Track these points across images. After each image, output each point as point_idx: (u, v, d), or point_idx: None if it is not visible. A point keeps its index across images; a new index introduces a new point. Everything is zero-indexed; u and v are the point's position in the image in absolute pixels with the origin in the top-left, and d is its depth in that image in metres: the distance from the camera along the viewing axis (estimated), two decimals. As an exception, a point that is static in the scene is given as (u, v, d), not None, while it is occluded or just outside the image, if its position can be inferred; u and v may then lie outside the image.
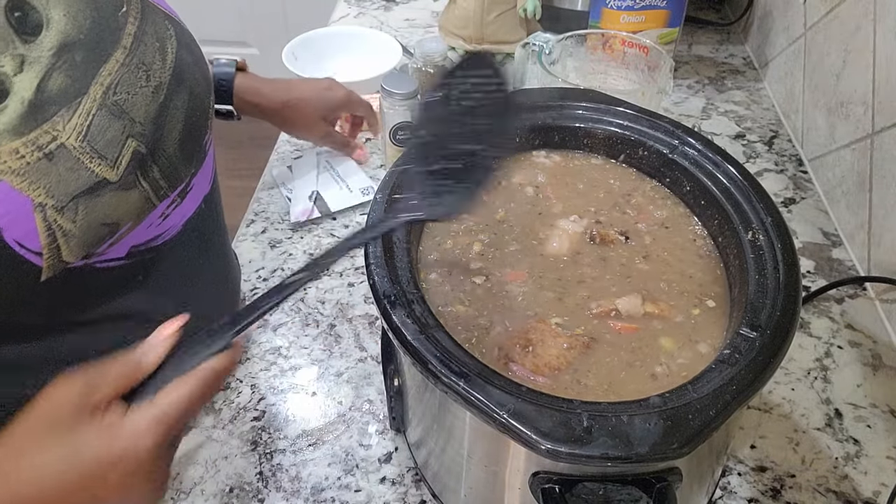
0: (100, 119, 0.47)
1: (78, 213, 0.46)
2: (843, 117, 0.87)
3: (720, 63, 1.20)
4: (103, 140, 0.47)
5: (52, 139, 0.45)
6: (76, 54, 0.47)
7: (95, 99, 0.47)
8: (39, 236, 0.45)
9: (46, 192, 0.45)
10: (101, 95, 0.48)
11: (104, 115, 0.48)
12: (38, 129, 0.44)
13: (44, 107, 0.45)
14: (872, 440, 0.64)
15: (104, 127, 0.48)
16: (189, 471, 0.61)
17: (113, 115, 0.48)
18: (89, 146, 0.47)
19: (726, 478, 0.61)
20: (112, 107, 0.48)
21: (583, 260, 0.55)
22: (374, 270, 0.48)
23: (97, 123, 0.47)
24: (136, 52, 0.51)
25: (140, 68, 0.51)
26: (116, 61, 0.49)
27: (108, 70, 0.49)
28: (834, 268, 0.82)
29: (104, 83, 0.48)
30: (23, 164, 0.44)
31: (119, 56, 0.50)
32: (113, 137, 0.48)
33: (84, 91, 0.47)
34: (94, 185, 0.47)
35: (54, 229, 0.45)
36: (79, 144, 0.46)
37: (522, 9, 1.10)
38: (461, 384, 0.41)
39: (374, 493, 0.60)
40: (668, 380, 0.47)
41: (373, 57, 1.12)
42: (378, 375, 0.69)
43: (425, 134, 0.48)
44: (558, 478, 0.43)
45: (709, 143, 0.59)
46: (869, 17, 0.82)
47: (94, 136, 0.47)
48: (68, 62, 0.46)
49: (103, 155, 0.47)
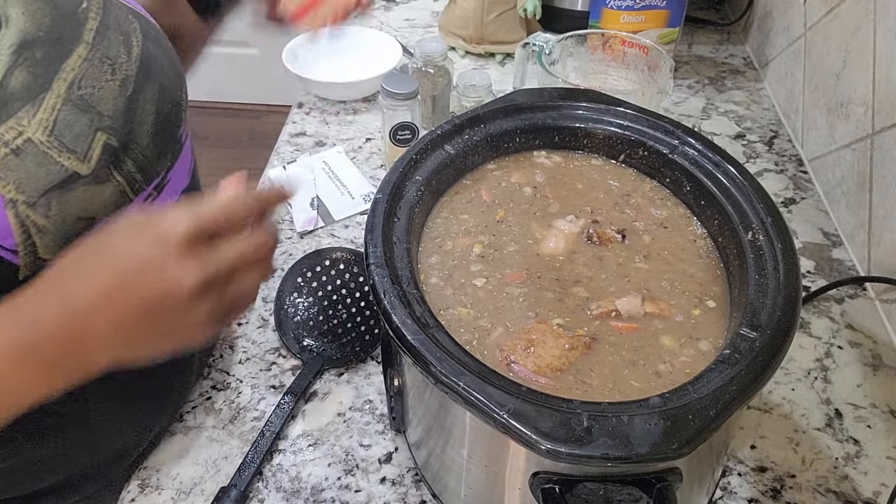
0: (65, 113, 0.47)
1: (51, 209, 0.46)
2: (843, 117, 0.87)
3: (720, 63, 1.20)
4: (71, 134, 0.48)
5: (17, 134, 0.45)
6: (36, 51, 0.47)
7: (59, 94, 0.48)
8: (14, 233, 0.45)
9: (16, 188, 0.45)
10: (66, 90, 0.48)
11: (70, 110, 0.48)
12: (2, 125, 0.45)
13: (7, 103, 0.45)
14: (872, 440, 0.64)
15: (71, 121, 0.48)
16: (189, 471, 0.61)
17: (79, 109, 0.48)
18: (57, 140, 0.47)
19: (726, 478, 0.61)
20: (77, 101, 0.48)
21: (578, 259, 0.55)
22: (374, 270, 0.48)
23: (63, 118, 0.47)
24: (100, 46, 0.51)
25: (105, 62, 0.51)
26: (79, 56, 0.49)
27: (71, 65, 0.49)
28: (834, 268, 0.82)
29: (67, 78, 0.48)
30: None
31: (81, 51, 0.50)
32: (81, 131, 0.48)
33: (47, 87, 0.47)
34: (66, 179, 0.47)
35: (28, 225, 0.45)
36: (46, 139, 0.46)
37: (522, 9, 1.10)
38: (461, 384, 0.41)
39: (374, 494, 0.60)
40: (671, 377, 0.47)
41: (373, 57, 1.12)
42: (378, 375, 0.69)
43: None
44: (558, 478, 0.43)
45: (709, 143, 0.59)
46: (869, 17, 0.82)
47: (60, 130, 0.47)
48: (29, 59, 0.47)
49: (72, 149, 0.47)
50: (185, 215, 0.42)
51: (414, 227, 0.54)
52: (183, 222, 0.42)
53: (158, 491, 0.60)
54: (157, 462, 0.62)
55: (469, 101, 0.94)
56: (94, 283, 0.42)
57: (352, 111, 1.06)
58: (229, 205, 0.44)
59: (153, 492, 0.60)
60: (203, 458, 0.62)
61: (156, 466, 0.62)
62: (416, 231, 0.55)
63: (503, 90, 1.08)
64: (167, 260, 0.42)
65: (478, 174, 0.62)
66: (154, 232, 0.42)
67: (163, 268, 0.42)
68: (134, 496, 0.60)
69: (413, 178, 0.56)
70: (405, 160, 0.56)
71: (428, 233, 0.57)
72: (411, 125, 0.88)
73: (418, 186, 0.56)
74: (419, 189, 0.56)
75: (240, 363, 0.70)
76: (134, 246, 0.42)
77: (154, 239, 0.42)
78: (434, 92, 0.96)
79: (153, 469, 0.62)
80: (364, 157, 0.97)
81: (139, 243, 0.42)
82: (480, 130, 0.61)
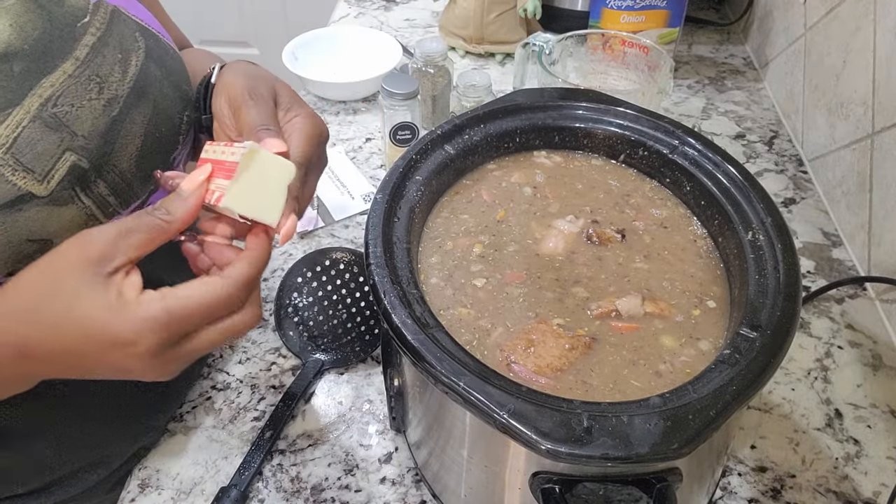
0: (31, 131, 0.45)
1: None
2: (843, 117, 0.87)
3: (720, 63, 1.20)
4: (32, 153, 0.45)
5: None
6: (14, 65, 0.46)
7: (29, 110, 0.46)
8: None
9: None
10: (38, 107, 0.46)
11: (37, 128, 0.46)
12: None
13: None
14: (872, 440, 0.64)
15: (34, 139, 0.46)
16: (189, 471, 0.61)
17: (49, 127, 0.46)
18: (13, 158, 0.45)
19: (726, 478, 0.61)
20: (49, 119, 0.46)
21: (578, 259, 0.55)
22: (374, 270, 0.48)
23: (27, 135, 0.45)
24: (91, 63, 0.49)
25: (92, 80, 0.49)
26: (64, 72, 0.48)
27: (51, 81, 0.47)
28: (834, 268, 0.82)
29: (43, 95, 0.47)
30: None
31: (68, 67, 0.48)
32: (45, 150, 0.46)
33: (17, 102, 0.45)
34: (16, 199, 0.45)
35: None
36: (1, 156, 0.44)
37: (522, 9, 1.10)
38: (461, 384, 0.41)
39: (374, 494, 0.60)
40: (672, 377, 0.47)
41: (373, 57, 1.12)
42: (378, 375, 0.69)
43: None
44: (558, 478, 0.43)
45: (709, 143, 0.59)
46: (869, 17, 0.82)
47: (20, 148, 0.45)
48: (3, 73, 0.45)
49: (30, 168, 0.45)
50: (157, 320, 0.39)
51: (414, 227, 0.54)
52: (155, 332, 0.39)
53: (158, 491, 0.60)
54: (157, 462, 0.62)
55: (469, 101, 0.94)
56: (54, 343, 0.40)
57: (352, 111, 1.06)
58: (211, 300, 0.41)
59: (153, 492, 0.60)
60: (203, 458, 0.62)
61: (156, 466, 0.62)
62: (416, 231, 0.55)
63: (503, 90, 1.08)
64: (133, 362, 0.40)
65: (478, 174, 0.62)
66: (123, 332, 0.39)
67: (127, 369, 0.41)
68: (134, 496, 0.60)
69: (413, 178, 0.56)
70: (405, 160, 0.56)
71: (428, 233, 0.57)
72: (411, 125, 0.88)
73: (418, 186, 0.56)
74: (419, 189, 0.56)
75: (240, 363, 0.70)
76: (99, 330, 0.40)
77: (122, 343, 0.39)
78: (434, 92, 0.96)
79: (153, 469, 0.62)
80: (364, 157, 0.98)
81: (106, 333, 0.40)
82: (480, 130, 0.61)
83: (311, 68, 1.07)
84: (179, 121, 0.56)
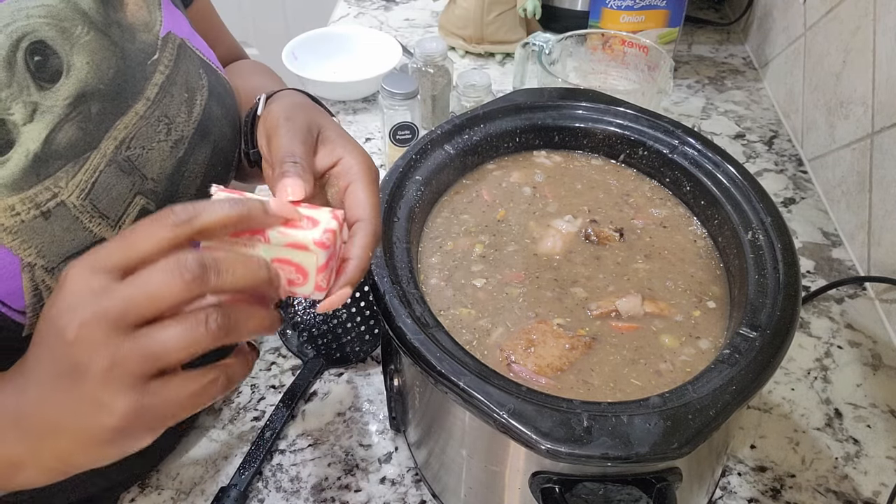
0: (107, 176, 0.44)
1: None
2: (843, 117, 0.87)
3: (720, 63, 1.20)
4: (108, 198, 0.45)
5: (51, 196, 0.42)
6: (92, 105, 0.44)
7: (106, 154, 0.45)
8: (25, 296, 0.42)
9: (38, 253, 0.42)
10: (113, 150, 0.45)
11: (112, 172, 0.45)
12: (38, 185, 0.42)
13: (48, 161, 0.42)
14: (872, 440, 0.64)
15: (110, 184, 0.45)
16: (189, 471, 0.61)
17: (122, 171, 0.45)
18: (91, 204, 0.44)
19: (726, 478, 0.61)
20: (123, 162, 0.45)
21: (576, 259, 0.55)
22: (374, 270, 0.48)
23: (103, 180, 0.44)
24: (160, 103, 0.48)
25: (161, 121, 0.48)
26: (136, 114, 0.47)
27: (125, 123, 0.46)
28: (834, 268, 0.82)
29: (118, 137, 0.45)
30: (16, 221, 0.41)
31: (140, 108, 0.47)
32: (119, 195, 0.45)
33: (94, 145, 0.44)
34: (91, 246, 0.44)
35: (41, 289, 0.43)
36: (80, 203, 0.43)
37: (522, 9, 1.10)
38: (461, 384, 0.41)
39: (374, 494, 0.60)
40: (672, 376, 0.47)
41: (373, 57, 1.12)
42: (378, 375, 0.69)
43: None
44: (558, 478, 0.43)
45: (709, 143, 0.59)
46: (869, 16, 0.82)
47: (97, 193, 0.44)
48: (83, 114, 0.44)
49: (105, 214, 0.44)
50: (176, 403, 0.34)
51: (414, 227, 0.54)
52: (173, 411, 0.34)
53: (158, 491, 0.60)
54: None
55: (469, 101, 0.94)
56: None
57: (352, 111, 1.06)
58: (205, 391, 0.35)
59: (153, 492, 0.60)
60: (203, 458, 0.62)
61: (156, 466, 0.62)
62: (416, 231, 0.55)
63: (503, 90, 1.08)
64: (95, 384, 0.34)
65: (478, 174, 0.62)
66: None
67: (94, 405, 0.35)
68: (134, 496, 0.60)
69: (413, 178, 0.56)
70: (405, 160, 0.56)
71: (428, 233, 0.57)
72: (411, 125, 0.88)
73: (418, 186, 0.56)
74: (419, 189, 0.56)
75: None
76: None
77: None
78: (434, 92, 0.96)
79: (153, 469, 0.62)
80: (364, 157, 0.97)
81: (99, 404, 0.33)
82: (480, 130, 0.61)
83: (310, 68, 1.07)
84: (232, 158, 0.56)
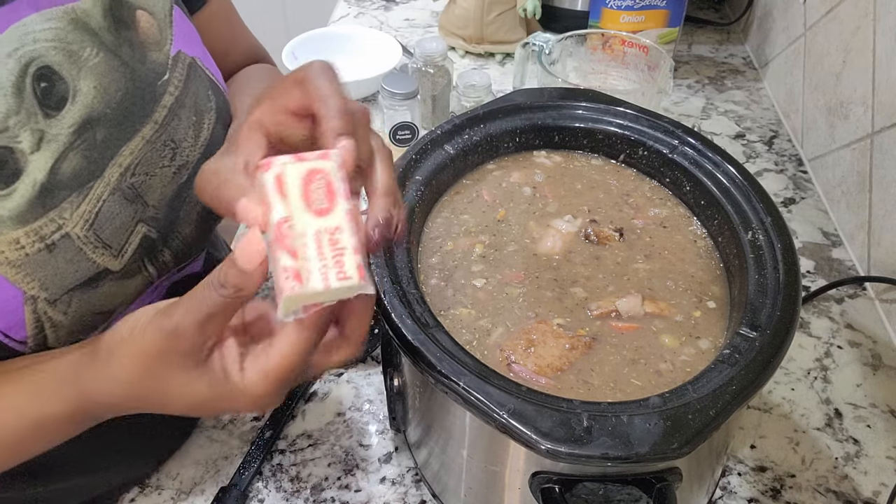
0: (110, 205, 0.43)
1: (71, 305, 0.43)
2: (843, 117, 0.87)
3: (720, 63, 1.20)
4: (111, 227, 0.43)
5: (56, 228, 0.41)
6: (98, 132, 0.43)
7: (110, 183, 0.43)
8: (26, 327, 0.41)
9: (41, 286, 0.41)
10: (118, 178, 0.43)
11: (116, 201, 0.43)
12: (44, 216, 0.40)
13: (54, 191, 0.41)
14: (872, 440, 0.64)
15: (114, 213, 0.43)
16: (189, 471, 0.61)
17: (126, 199, 0.44)
18: (95, 235, 0.43)
19: (726, 478, 0.61)
20: (127, 190, 0.44)
21: (575, 259, 0.55)
22: (374, 270, 0.48)
23: (107, 210, 0.43)
24: (168, 127, 0.46)
25: (167, 146, 0.46)
26: (143, 138, 0.45)
27: (131, 149, 0.44)
28: (834, 268, 0.82)
29: (123, 164, 0.44)
30: (21, 255, 0.40)
31: (147, 132, 0.45)
32: (122, 224, 0.44)
33: (99, 174, 0.43)
34: (94, 277, 0.43)
35: (43, 321, 0.42)
36: (83, 234, 0.42)
37: (522, 9, 1.10)
38: (461, 384, 0.41)
39: (374, 493, 0.60)
40: (672, 375, 0.47)
41: (373, 57, 1.12)
42: (378, 375, 0.69)
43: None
44: (558, 478, 0.43)
45: (709, 143, 0.59)
46: (869, 16, 0.82)
47: (101, 223, 0.43)
48: (87, 141, 0.42)
49: (108, 244, 0.43)
50: (267, 394, 0.35)
51: (414, 227, 0.54)
52: (265, 400, 0.36)
53: (158, 491, 0.60)
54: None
55: (469, 101, 0.94)
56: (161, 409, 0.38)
57: (352, 111, 1.06)
58: (299, 350, 0.35)
59: (153, 492, 0.60)
60: (203, 458, 0.62)
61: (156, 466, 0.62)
62: (416, 231, 0.55)
63: (503, 90, 1.08)
64: (240, 406, 0.37)
65: (477, 174, 0.62)
66: (235, 407, 0.37)
67: (235, 408, 0.38)
68: (134, 496, 0.60)
69: (413, 178, 0.56)
70: (405, 160, 0.56)
71: (428, 233, 0.57)
72: (411, 125, 0.88)
73: (418, 186, 0.56)
74: (419, 189, 0.56)
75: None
76: (210, 406, 0.37)
77: (233, 410, 0.37)
78: (434, 92, 0.96)
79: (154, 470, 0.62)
80: (364, 157, 0.97)
81: (219, 408, 0.37)
82: (480, 130, 0.61)
83: (310, 68, 1.07)
84: None
